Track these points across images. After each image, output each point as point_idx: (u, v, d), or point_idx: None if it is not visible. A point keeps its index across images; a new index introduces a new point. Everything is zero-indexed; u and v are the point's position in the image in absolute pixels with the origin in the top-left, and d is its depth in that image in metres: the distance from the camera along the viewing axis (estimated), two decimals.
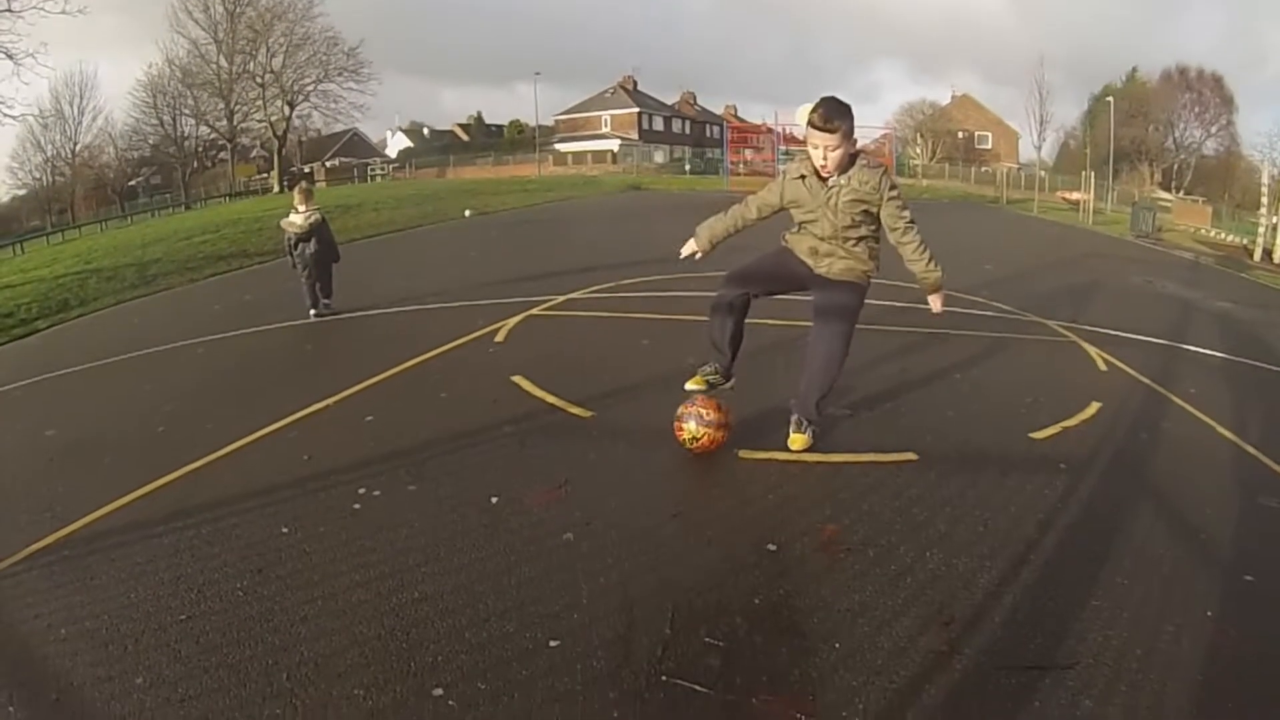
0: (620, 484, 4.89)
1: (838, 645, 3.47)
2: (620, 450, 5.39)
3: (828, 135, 4.75)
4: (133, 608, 3.60)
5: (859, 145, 5.03)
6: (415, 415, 5.85)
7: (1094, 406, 6.88)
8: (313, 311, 9.61)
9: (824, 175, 4.94)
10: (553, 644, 3.31)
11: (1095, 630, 3.81)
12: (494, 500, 4.57)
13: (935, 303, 5.34)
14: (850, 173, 4.92)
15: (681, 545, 4.24)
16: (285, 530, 4.22)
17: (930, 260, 5.19)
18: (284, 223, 9.90)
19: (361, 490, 4.64)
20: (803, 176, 5.03)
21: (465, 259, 13.66)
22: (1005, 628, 3.76)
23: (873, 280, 5.31)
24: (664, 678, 3.15)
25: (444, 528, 4.31)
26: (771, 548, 4.21)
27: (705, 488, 4.93)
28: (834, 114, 4.72)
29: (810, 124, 4.78)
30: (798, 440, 5.46)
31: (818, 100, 4.81)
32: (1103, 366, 8.40)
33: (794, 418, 5.53)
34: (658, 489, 4.88)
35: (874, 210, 5.01)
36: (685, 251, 5.59)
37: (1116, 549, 4.61)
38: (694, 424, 5.08)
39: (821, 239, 5.11)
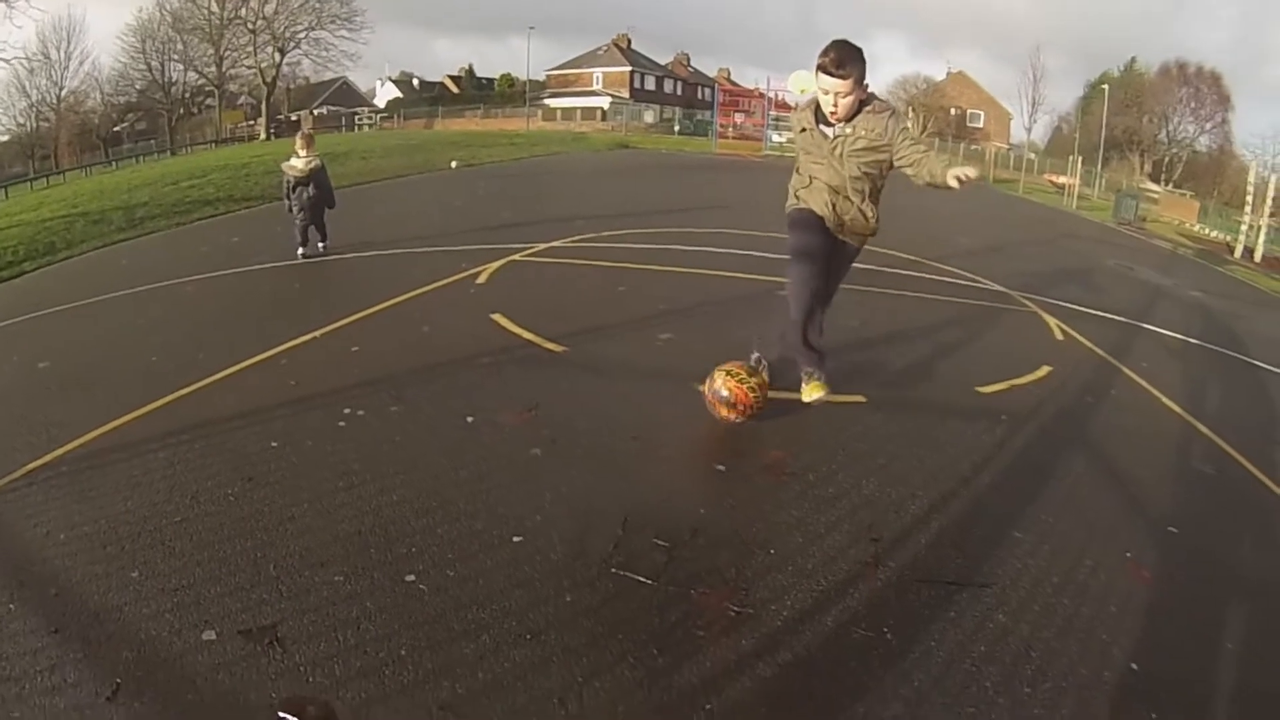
0: (586, 409, 5.15)
1: (772, 551, 3.79)
2: (588, 381, 5.65)
3: (839, 81, 4.54)
4: (128, 514, 3.77)
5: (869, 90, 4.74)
6: (399, 346, 6.07)
7: (1044, 370, 7.14)
8: (301, 250, 9.73)
9: (833, 122, 4.75)
10: (516, 539, 3.63)
11: (1016, 558, 4.12)
12: (469, 420, 4.84)
13: (960, 175, 4.55)
14: (856, 120, 4.73)
15: (638, 463, 4.53)
16: (274, 444, 4.45)
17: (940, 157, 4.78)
18: (285, 166, 10.00)
19: (346, 410, 4.87)
20: (804, 129, 4.93)
21: (450, 207, 13.81)
22: (929, 548, 4.07)
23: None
24: (613, 570, 3.48)
25: (422, 443, 4.58)
26: (720, 468, 4.53)
27: (665, 416, 5.18)
28: (847, 59, 4.50)
29: (821, 69, 4.57)
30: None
31: (829, 43, 4.56)
32: (1059, 336, 8.65)
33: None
34: (620, 415, 5.12)
35: (885, 157, 4.81)
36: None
37: (1046, 491, 4.91)
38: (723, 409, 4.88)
39: (834, 189, 4.93)
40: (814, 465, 4.69)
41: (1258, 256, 26.96)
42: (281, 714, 2.51)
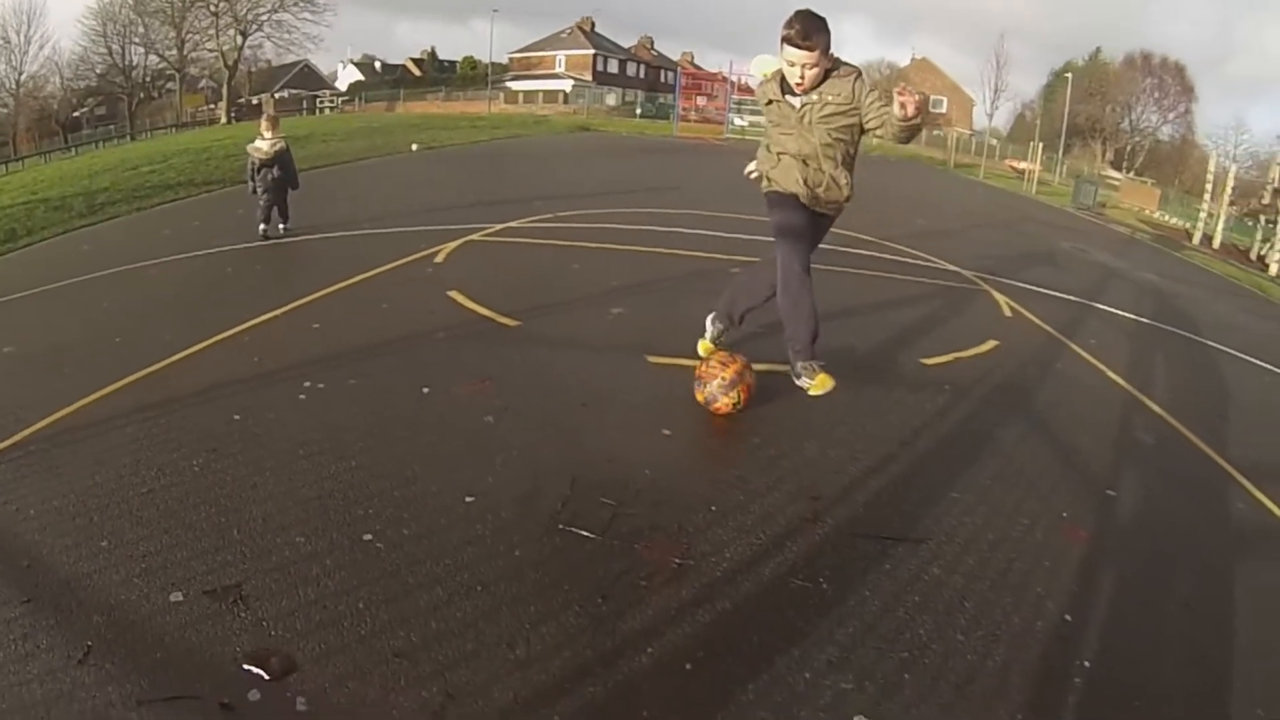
0: (538, 380, 5.28)
1: (714, 508, 3.94)
2: (541, 353, 5.75)
3: (805, 52, 4.48)
4: (97, 488, 3.82)
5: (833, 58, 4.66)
6: (358, 323, 6.14)
7: (990, 343, 7.28)
8: (262, 228, 9.74)
9: (798, 93, 4.70)
10: (468, 500, 3.76)
11: (953, 516, 4.26)
12: (425, 391, 4.96)
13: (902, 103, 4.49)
14: (823, 87, 4.67)
15: (587, 428, 4.67)
16: (237, 417, 4.52)
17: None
18: (250, 148, 9.99)
19: (307, 384, 4.96)
20: (771, 101, 4.86)
21: (410, 189, 13.80)
22: (867, 506, 4.22)
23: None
24: (560, 526, 3.62)
25: (380, 412, 4.68)
26: (666, 432, 4.66)
27: (614, 385, 5.29)
28: (812, 29, 4.44)
29: (786, 40, 4.50)
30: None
31: (793, 14, 4.49)
32: (1008, 313, 8.78)
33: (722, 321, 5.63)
34: (571, 384, 5.24)
35: (855, 121, 4.75)
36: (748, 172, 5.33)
37: (986, 456, 5.07)
38: (722, 396, 4.83)
39: (805, 159, 4.86)
40: (758, 430, 4.82)
41: (1216, 243, 26.97)
42: (246, 666, 2.66)
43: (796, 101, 4.76)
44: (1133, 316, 10.14)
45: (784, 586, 3.48)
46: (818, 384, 4.93)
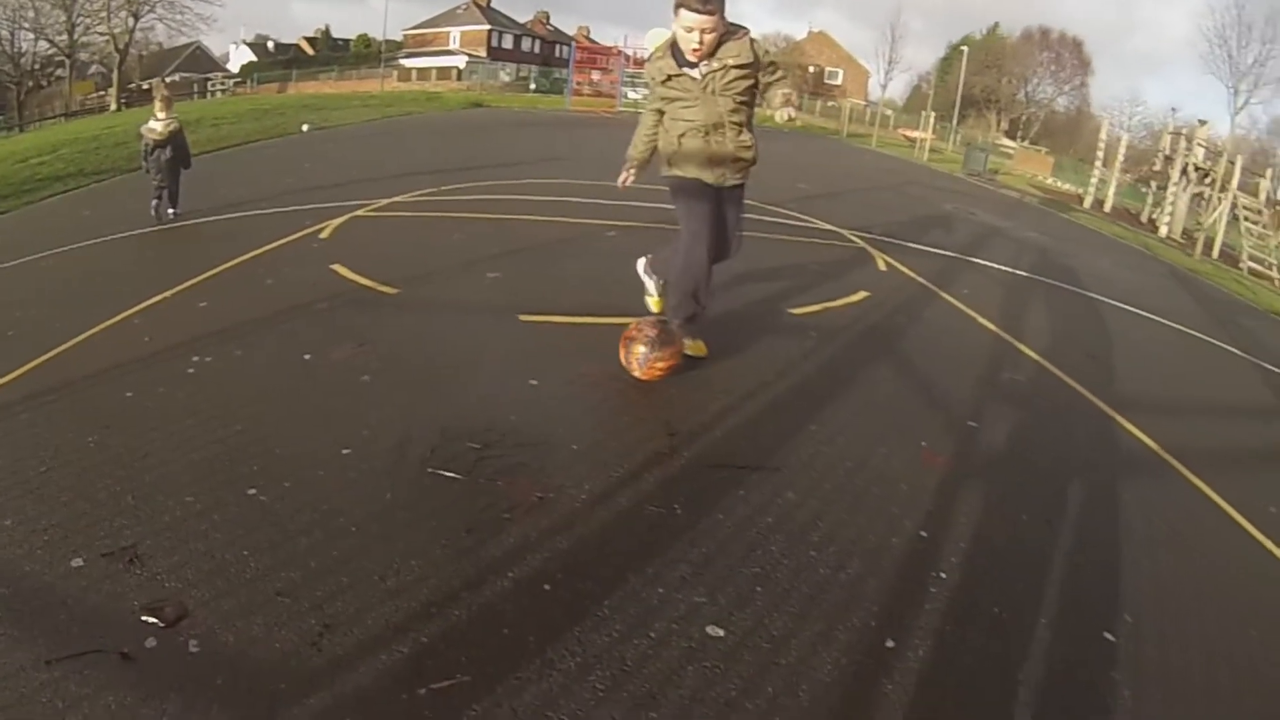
0: (414, 342, 5.36)
1: (575, 447, 4.09)
2: (417, 317, 5.83)
3: (706, 17, 4.36)
4: None
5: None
6: (244, 299, 6.11)
7: (860, 294, 7.47)
8: (155, 204, 9.52)
9: (694, 61, 4.57)
10: (345, 452, 3.87)
11: (809, 446, 4.43)
12: (307, 358, 5.00)
13: (789, 112, 4.70)
14: (720, 52, 4.55)
15: (458, 383, 4.77)
16: (129, 394, 4.51)
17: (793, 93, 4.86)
18: (144, 129, 9.70)
19: (195, 359, 4.96)
20: (669, 77, 4.70)
21: (299, 169, 13.51)
22: (723, 439, 4.38)
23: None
24: (429, 470, 3.75)
25: (264, 380, 4.74)
26: (534, 382, 4.79)
27: (486, 343, 5.38)
28: None
29: (684, 6, 4.36)
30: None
31: None
32: (883, 267, 8.99)
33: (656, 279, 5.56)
34: (446, 345, 5.32)
35: (753, 81, 4.68)
36: (623, 182, 5.26)
37: (847, 394, 5.25)
38: (644, 348, 4.76)
39: (706, 134, 4.74)
40: (620, 375, 4.91)
41: (1107, 207, 27.71)
42: (143, 617, 2.77)
43: (698, 72, 4.63)
44: (1010, 270, 10.35)
45: (639, 514, 3.61)
46: (691, 347, 5.21)
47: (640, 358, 4.76)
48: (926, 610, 3.23)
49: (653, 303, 5.69)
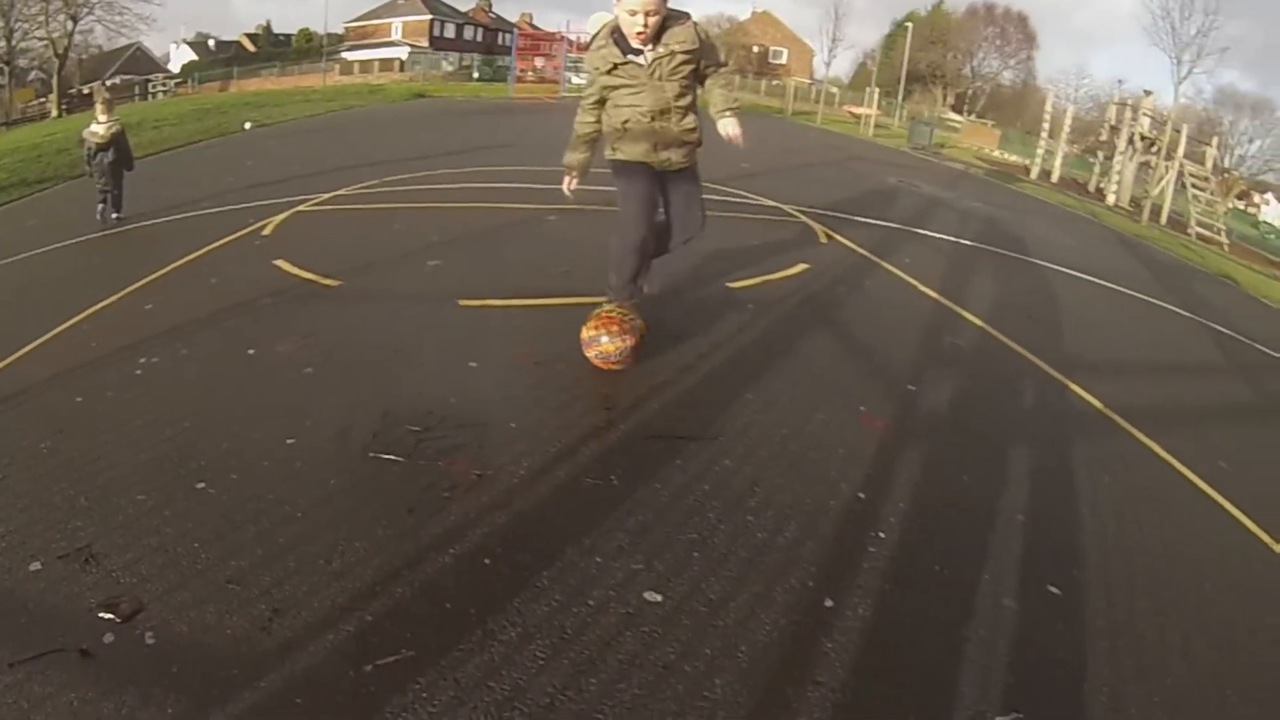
0: (355, 332, 5.35)
1: (513, 425, 4.11)
2: (359, 308, 5.80)
3: (649, 0, 4.22)
4: None
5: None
6: (189, 299, 6.04)
7: (800, 266, 7.41)
8: (100, 208, 9.44)
9: (639, 46, 4.41)
10: (289, 442, 3.88)
11: (746, 415, 4.44)
12: (251, 353, 4.97)
13: (734, 129, 4.74)
14: (665, 37, 4.41)
15: (399, 369, 4.77)
16: (80, 399, 4.48)
17: (735, 91, 4.86)
18: (86, 133, 9.56)
19: (142, 360, 4.92)
20: (614, 65, 4.49)
21: (242, 168, 13.26)
22: (660, 412, 4.39)
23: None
24: (371, 455, 3.78)
25: (210, 376, 4.72)
26: (473, 365, 4.80)
27: (426, 329, 5.37)
28: None
29: None
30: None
31: None
32: (824, 240, 8.86)
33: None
34: (386, 334, 5.29)
35: (696, 65, 4.56)
36: (567, 187, 5.04)
37: (784, 363, 5.19)
38: (607, 340, 4.66)
39: (652, 120, 4.59)
40: (559, 355, 4.92)
41: (1055, 177, 27.80)
42: (101, 614, 2.80)
43: (645, 58, 4.47)
44: (953, 239, 10.34)
45: (577, 487, 3.63)
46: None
47: (611, 354, 4.69)
48: (865, 570, 3.25)
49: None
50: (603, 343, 4.65)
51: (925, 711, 2.65)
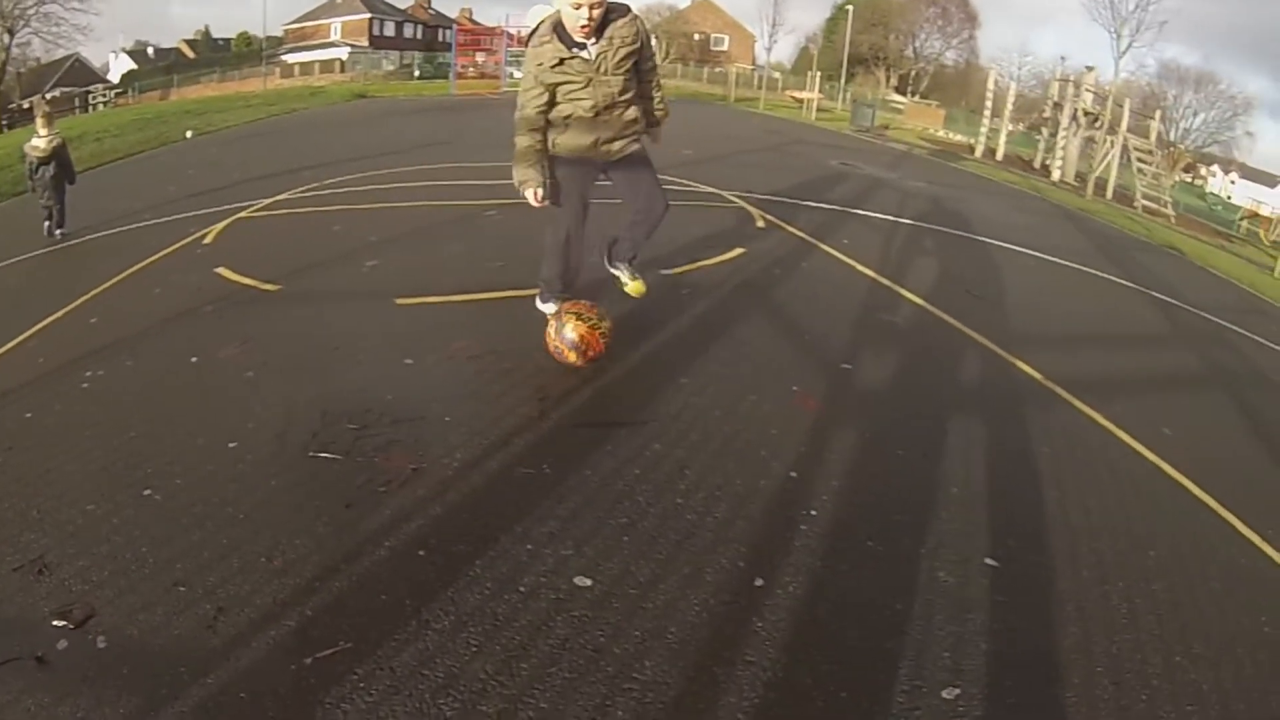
0: (294, 334, 5.32)
1: (448, 419, 4.13)
2: (298, 310, 5.78)
3: None
4: None
5: None
6: (133, 311, 5.98)
7: (737, 251, 7.34)
8: (47, 225, 9.29)
9: (583, 39, 4.23)
10: (231, 445, 3.88)
11: (679, 399, 4.43)
12: (194, 360, 4.93)
13: (658, 137, 4.86)
14: (608, 32, 4.27)
15: (337, 368, 4.76)
16: (29, 415, 4.44)
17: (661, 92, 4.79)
18: (27, 147, 9.40)
19: (89, 373, 4.88)
20: (560, 60, 4.26)
21: (184, 177, 12.96)
22: (593, 399, 4.39)
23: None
24: (311, 454, 3.80)
25: (154, 387, 4.68)
26: (408, 362, 4.79)
27: (363, 329, 5.34)
28: None
29: None
30: (639, 286, 5.15)
31: None
32: (761, 224, 8.69)
33: (627, 266, 5.14)
34: (325, 335, 5.24)
35: (636, 58, 4.43)
36: (534, 201, 4.57)
37: (717, 346, 5.15)
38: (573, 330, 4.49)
39: (596, 115, 4.42)
40: (492, 348, 4.93)
41: (999, 155, 27.76)
42: (55, 621, 2.82)
43: (590, 52, 4.29)
44: (893, 218, 10.27)
45: (510, 476, 3.63)
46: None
47: (576, 345, 4.51)
48: (796, 548, 3.24)
49: (631, 287, 5.22)
50: (570, 337, 4.51)
51: (858, 688, 2.64)
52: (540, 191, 4.48)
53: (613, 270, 5.23)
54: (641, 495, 3.51)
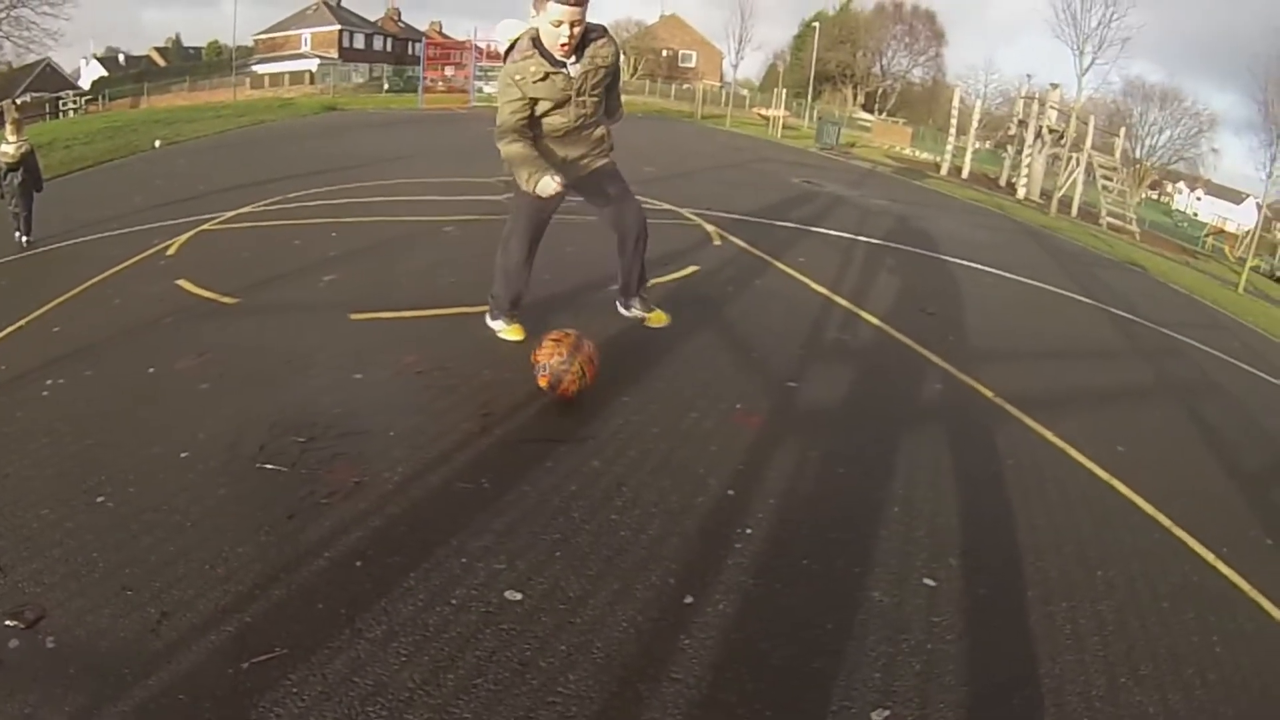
0: (249, 347, 5.30)
1: (392, 433, 4.14)
2: (254, 323, 5.75)
3: (575, 9, 3.95)
4: None
5: None
6: (94, 320, 5.94)
7: (691, 269, 7.28)
8: (18, 233, 9.22)
9: (563, 57, 4.15)
10: (183, 455, 3.90)
11: (620, 416, 4.39)
12: (151, 371, 4.92)
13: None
14: (588, 51, 4.20)
15: (289, 381, 4.77)
16: None
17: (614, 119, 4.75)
18: None
19: (49, 382, 4.86)
20: (546, 74, 4.16)
21: (151, 187, 12.76)
22: (536, 416, 4.36)
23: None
24: (258, 465, 3.82)
25: (112, 396, 4.66)
26: (358, 376, 4.80)
27: (317, 342, 5.32)
28: None
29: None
30: (660, 316, 5.23)
31: None
32: (717, 241, 8.62)
33: (639, 301, 5.22)
34: (279, 349, 5.23)
35: (609, 79, 4.38)
36: (557, 187, 4.13)
37: (663, 363, 5.08)
38: (562, 368, 4.32)
39: (566, 134, 4.39)
40: (441, 363, 4.93)
41: (965, 173, 27.53)
42: (6, 622, 2.85)
43: (573, 70, 4.21)
44: (850, 236, 10.20)
45: (449, 490, 3.62)
46: (509, 330, 5.14)
47: (554, 377, 4.37)
48: (729, 566, 3.20)
49: (652, 319, 5.35)
50: (550, 370, 4.35)
51: (785, 707, 2.61)
52: (558, 177, 4.11)
53: (628, 314, 5.31)
54: (577, 511, 3.50)
